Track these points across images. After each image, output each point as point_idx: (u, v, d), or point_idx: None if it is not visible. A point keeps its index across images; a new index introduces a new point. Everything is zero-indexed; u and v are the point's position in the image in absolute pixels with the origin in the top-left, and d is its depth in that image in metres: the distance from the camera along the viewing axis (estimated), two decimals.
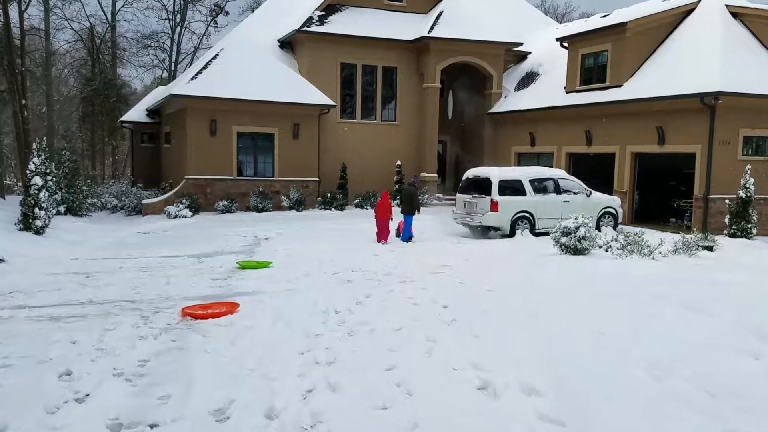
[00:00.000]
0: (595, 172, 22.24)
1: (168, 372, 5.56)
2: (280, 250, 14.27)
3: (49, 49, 37.60)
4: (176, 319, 7.51)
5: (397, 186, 25.82)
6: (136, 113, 31.34)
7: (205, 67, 24.29)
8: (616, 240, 14.19)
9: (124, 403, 4.86)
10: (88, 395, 5.07)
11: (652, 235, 15.13)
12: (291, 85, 24.35)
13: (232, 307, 7.85)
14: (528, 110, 25.76)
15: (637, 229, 15.90)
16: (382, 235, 16.07)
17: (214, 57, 25.02)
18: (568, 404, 4.64)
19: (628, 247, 13.66)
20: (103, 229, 18.56)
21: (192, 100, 22.78)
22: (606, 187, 21.02)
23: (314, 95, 24.54)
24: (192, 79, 23.63)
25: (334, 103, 24.86)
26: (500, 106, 27.77)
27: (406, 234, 16.55)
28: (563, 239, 13.80)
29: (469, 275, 10.95)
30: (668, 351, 5.94)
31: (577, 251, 13.73)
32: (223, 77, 23.34)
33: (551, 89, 25.42)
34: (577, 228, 13.74)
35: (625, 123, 21.48)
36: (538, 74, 27.77)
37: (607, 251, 14.11)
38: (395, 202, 23.15)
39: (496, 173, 17.60)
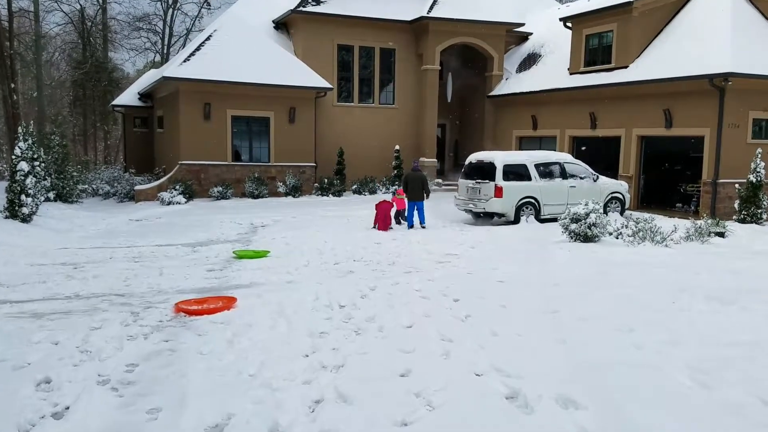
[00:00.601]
0: (599, 155, 21.72)
1: (159, 379, 4.97)
2: (277, 238, 13.72)
3: (38, 32, 36.70)
4: (169, 315, 6.93)
5: (395, 171, 25.24)
6: (128, 97, 30.59)
7: (198, 49, 23.54)
8: (626, 226, 13.71)
9: (108, 419, 4.26)
10: (67, 408, 4.46)
11: (660, 221, 14.64)
12: (286, 68, 23.65)
13: (229, 302, 7.28)
14: (530, 92, 25.14)
15: (647, 215, 15.39)
16: (384, 222, 15.51)
17: (207, 38, 24.25)
18: (611, 418, 4.10)
19: (640, 234, 13.17)
20: (94, 216, 17.93)
21: (185, 82, 22.08)
22: (611, 172, 20.52)
23: (310, 78, 23.85)
24: (185, 62, 22.91)
25: (330, 86, 24.19)
26: (501, 89, 27.14)
27: (421, 217, 16.07)
28: (573, 226, 13.30)
29: (477, 265, 10.43)
30: (709, 351, 5.42)
31: (587, 238, 13.23)
32: (216, 59, 22.63)
33: (554, 71, 24.81)
34: (587, 214, 13.23)
35: (631, 105, 20.92)
36: (540, 56, 27.11)
37: (617, 238, 13.63)
38: (395, 186, 22.62)
39: (500, 157, 17.05)
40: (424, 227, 16.05)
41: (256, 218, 17.36)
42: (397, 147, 25.63)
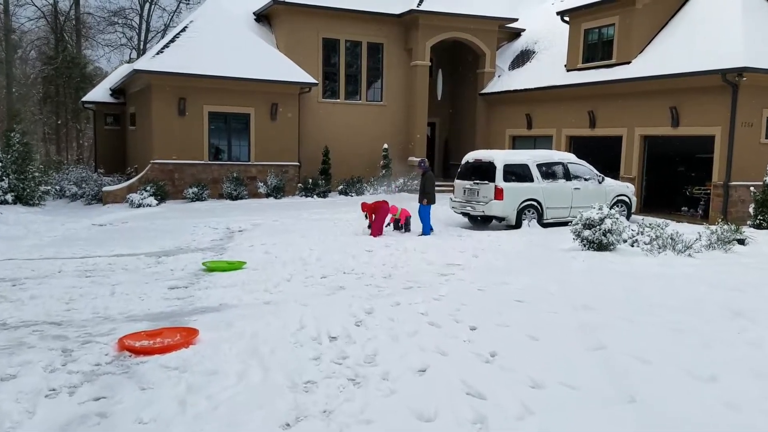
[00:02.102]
0: (599, 156, 20.42)
1: None
2: (256, 245, 12.23)
3: (8, 26, 34.88)
4: (110, 354, 5.40)
5: (383, 171, 23.84)
6: (100, 93, 28.79)
7: (172, 41, 21.95)
8: (642, 233, 12.43)
9: None
10: None
11: (673, 227, 13.35)
12: (268, 61, 22.12)
13: (188, 336, 5.76)
14: (524, 90, 23.89)
15: (660, 220, 14.14)
16: (380, 228, 14.02)
17: (183, 30, 22.65)
18: None
19: (658, 241, 11.88)
20: (54, 220, 16.24)
21: (158, 76, 20.47)
22: (611, 173, 19.25)
23: (294, 72, 22.35)
24: (158, 54, 21.32)
25: (315, 81, 22.69)
26: (494, 86, 25.86)
27: (427, 226, 14.53)
28: (586, 233, 11.98)
29: (485, 278, 9.04)
30: None
31: (601, 246, 11.91)
32: (192, 52, 21.04)
33: (549, 68, 23.59)
34: (602, 220, 11.92)
35: (633, 103, 19.71)
36: (534, 52, 25.88)
37: (632, 246, 12.35)
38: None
39: (500, 157, 15.70)
40: (424, 233, 14.57)
41: (234, 222, 15.86)
42: (385, 146, 24.24)
